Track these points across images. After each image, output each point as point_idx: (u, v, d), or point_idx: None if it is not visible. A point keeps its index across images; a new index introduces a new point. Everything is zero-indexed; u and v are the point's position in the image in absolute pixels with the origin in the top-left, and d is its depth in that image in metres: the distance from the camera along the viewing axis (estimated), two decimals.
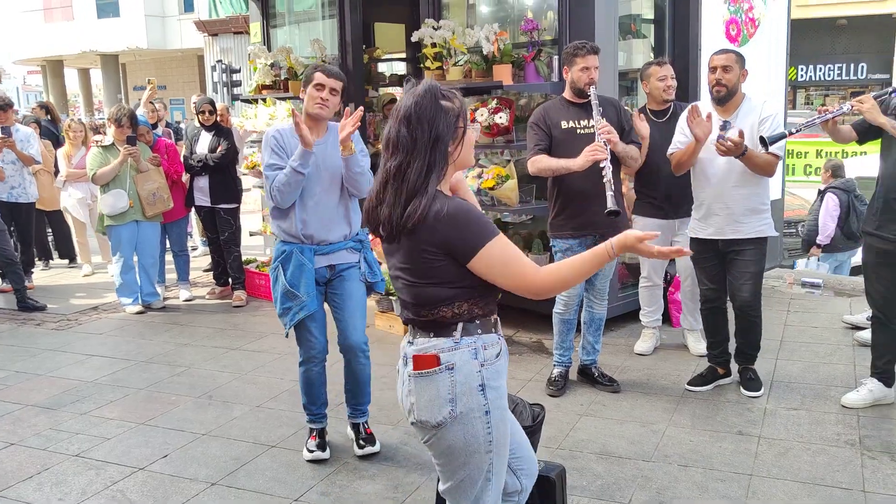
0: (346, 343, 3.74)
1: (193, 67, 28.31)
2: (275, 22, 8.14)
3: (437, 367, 2.15)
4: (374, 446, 3.83)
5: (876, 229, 4.03)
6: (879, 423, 3.97)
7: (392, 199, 2.10)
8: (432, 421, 2.16)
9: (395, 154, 2.12)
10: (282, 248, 3.67)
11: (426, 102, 2.11)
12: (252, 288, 7.03)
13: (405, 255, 2.15)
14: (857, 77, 24.03)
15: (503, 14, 6.59)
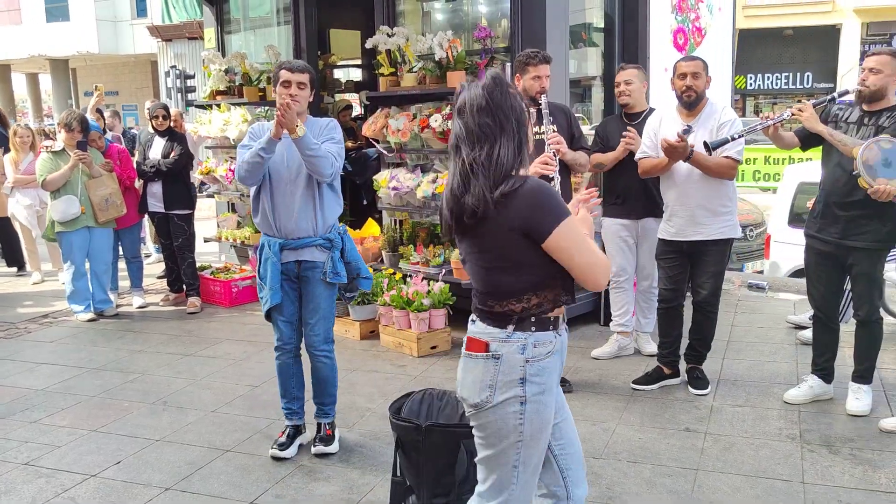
0: (305, 342, 3.88)
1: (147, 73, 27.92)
2: (229, 28, 8.13)
3: (484, 353, 2.26)
4: (328, 446, 3.87)
5: (817, 232, 4.18)
6: (819, 418, 4.12)
7: (482, 185, 2.16)
8: (471, 400, 2.30)
9: (479, 144, 2.19)
10: (261, 241, 3.86)
11: (501, 90, 2.21)
12: (207, 294, 6.99)
13: (487, 238, 2.22)
14: (804, 86, 24.69)
15: (457, 21, 6.67)
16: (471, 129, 2.19)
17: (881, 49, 4.05)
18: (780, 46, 25.20)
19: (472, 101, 2.20)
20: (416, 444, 2.99)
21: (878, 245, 4.00)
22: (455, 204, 2.22)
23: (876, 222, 3.95)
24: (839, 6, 23.33)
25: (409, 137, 5.66)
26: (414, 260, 5.82)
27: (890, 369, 4.74)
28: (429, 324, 5.36)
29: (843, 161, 3.97)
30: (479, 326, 2.30)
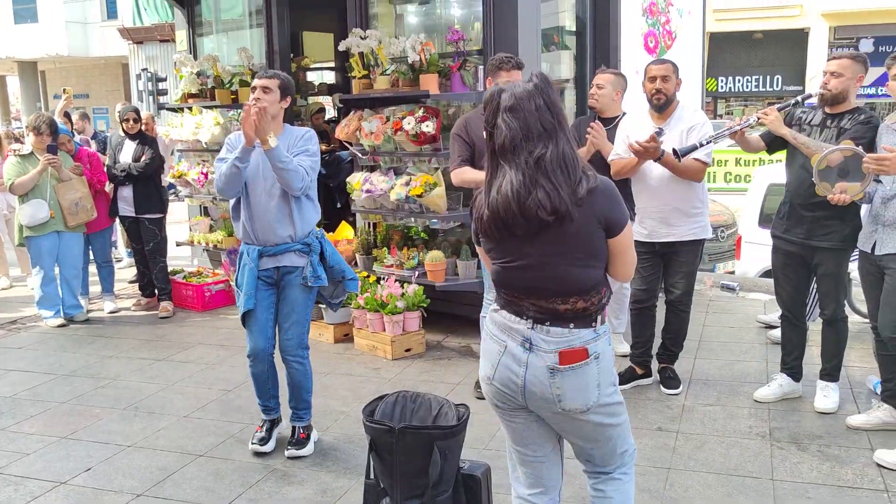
0: (280, 347, 3.90)
1: (118, 76, 27.62)
2: (201, 30, 8.07)
3: (587, 359, 2.29)
4: (300, 449, 3.88)
5: (783, 233, 4.25)
6: (788, 416, 4.18)
7: (556, 182, 2.18)
8: (582, 407, 2.31)
9: (543, 142, 2.20)
10: (241, 248, 3.91)
11: (552, 89, 2.27)
12: (179, 298, 6.93)
13: (571, 234, 2.23)
14: (773, 88, 25.03)
15: (430, 24, 6.69)
16: (533, 127, 2.21)
17: (842, 53, 4.12)
18: (750, 50, 25.52)
19: (529, 99, 2.22)
20: (389, 447, 2.99)
21: (842, 245, 4.07)
22: (520, 204, 2.19)
23: (839, 223, 4.02)
24: (807, 10, 23.69)
25: (383, 140, 5.66)
26: (388, 263, 5.81)
27: (856, 367, 4.81)
28: (403, 326, 5.36)
29: (806, 163, 4.03)
30: (561, 332, 2.28)
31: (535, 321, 2.30)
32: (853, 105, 4.05)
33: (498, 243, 2.32)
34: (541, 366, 2.28)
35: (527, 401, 2.34)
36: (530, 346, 2.30)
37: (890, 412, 3.93)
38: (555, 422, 2.38)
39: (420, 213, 5.63)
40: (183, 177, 7.23)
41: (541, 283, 2.29)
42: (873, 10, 22.73)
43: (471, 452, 3.56)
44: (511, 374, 2.33)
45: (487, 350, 2.42)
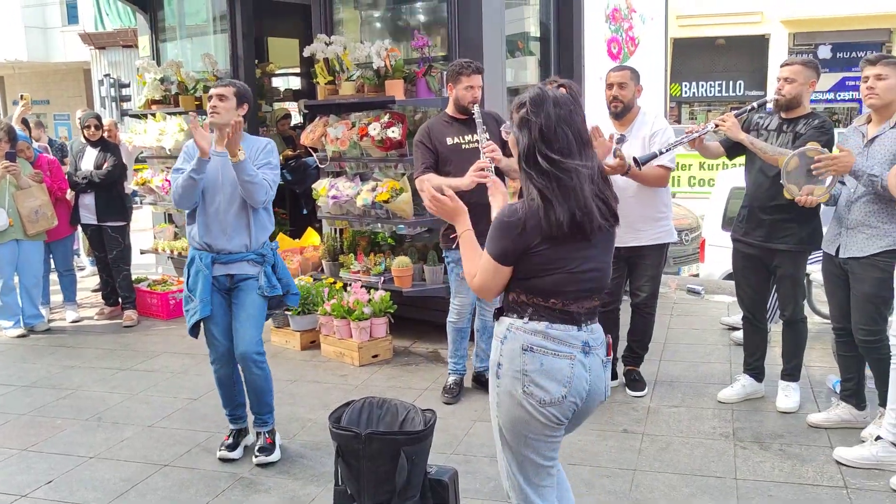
0: (237, 352, 3.85)
1: (79, 81, 27.23)
2: (164, 36, 8.00)
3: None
4: (269, 456, 3.86)
5: (743, 235, 4.32)
6: (751, 416, 4.25)
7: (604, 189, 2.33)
8: (609, 391, 2.49)
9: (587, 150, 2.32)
10: (191, 254, 3.86)
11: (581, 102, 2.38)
12: (143, 307, 6.84)
13: (611, 238, 2.42)
14: (736, 93, 25.41)
15: (396, 30, 6.69)
16: (582, 135, 2.30)
17: (794, 59, 4.22)
18: (713, 55, 25.89)
19: (570, 107, 2.29)
20: (356, 453, 2.99)
21: (800, 247, 4.15)
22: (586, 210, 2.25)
23: (797, 225, 4.10)
24: (767, 17, 24.13)
25: (349, 146, 5.65)
26: (354, 269, 5.80)
27: (816, 366, 4.90)
28: (370, 332, 5.35)
29: (765, 167, 4.11)
30: (598, 328, 2.43)
31: (584, 323, 2.38)
32: (808, 110, 4.15)
33: (563, 251, 2.29)
34: (598, 363, 2.39)
35: (586, 403, 2.38)
36: (588, 348, 2.36)
37: (849, 410, 4.02)
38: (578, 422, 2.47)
39: (387, 219, 5.63)
40: (147, 184, 7.15)
41: (599, 283, 2.40)
42: (831, 17, 23.21)
43: (438, 457, 3.57)
44: (582, 383, 2.34)
45: (555, 368, 2.30)
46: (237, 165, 3.63)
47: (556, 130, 2.25)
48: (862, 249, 3.67)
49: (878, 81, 3.60)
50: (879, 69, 3.60)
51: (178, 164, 3.79)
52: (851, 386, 4.00)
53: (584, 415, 2.46)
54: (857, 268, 3.72)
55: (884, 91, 3.59)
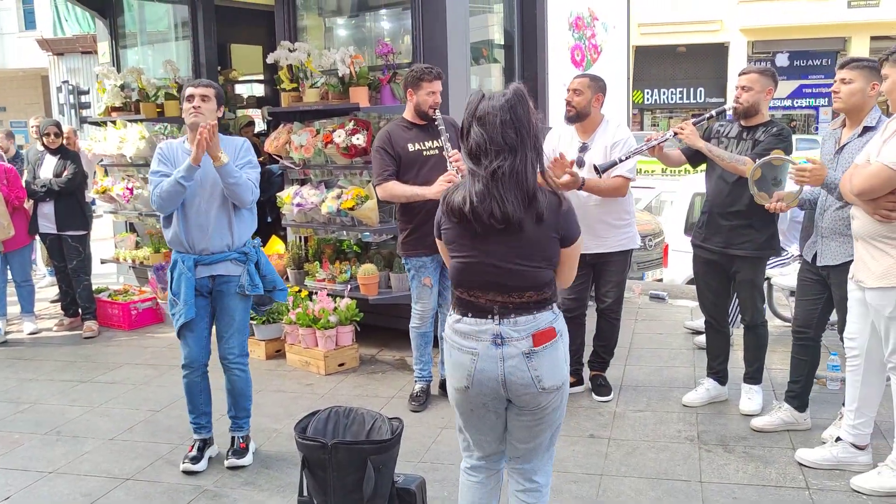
0: (220, 355, 3.87)
1: (37, 88, 26.74)
2: (125, 42, 7.88)
3: (556, 337, 2.47)
4: (241, 459, 3.87)
5: (703, 241, 4.38)
6: (715, 419, 4.30)
7: (509, 195, 2.33)
8: (558, 383, 2.48)
9: (501, 155, 2.34)
10: (174, 257, 3.83)
11: (524, 105, 2.38)
12: (104, 318, 6.72)
13: (526, 240, 2.39)
14: (697, 100, 25.85)
15: (360, 37, 6.68)
16: (495, 140, 2.34)
17: (751, 68, 4.29)
18: (674, 63, 26.29)
19: (496, 112, 2.34)
20: (322, 463, 2.96)
21: (759, 253, 4.21)
22: (473, 209, 2.35)
23: (755, 231, 4.16)
24: (727, 25, 24.55)
25: (313, 153, 5.61)
26: (320, 277, 5.76)
27: (778, 369, 4.98)
28: (336, 341, 5.31)
29: (724, 174, 4.18)
30: (527, 319, 2.43)
31: (501, 315, 2.43)
32: (767, 117, 4.22)
33: (463, 236, 2.44)
34: (516, 354, 2.42)
35: (509, 392, 2.46)
36: (502, 340, 2.42)
37: (790, 413, 4.08)
38: (523, 411, 2.50)
39: (352, 227, 5.61)
40: (107, 192, 7.04)
41: (499, 278, 2.42)
42: (788, 26, 23.71)
43: (405, 466, 3.55)
44: (489, 375, 2.44)
45: (457, 362, 2.50)
46: (221, 169, 3.60)
47: (469, 131, 2.38)
48: (835, 258, 3.72)
49: (843, 85, 3.60)
50: (846, 73, 3.60)
51: (156, 167, 3.72)
52: (797, 388, 4.06)
53: (517, 403, 2.49)
54: (833, 275, 3.76)
55: (846, 95, 3.59)
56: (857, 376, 3.56)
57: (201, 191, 3.70)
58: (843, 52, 25.13)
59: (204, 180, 3.69)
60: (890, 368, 3.38)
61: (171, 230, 3.77)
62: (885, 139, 3.23)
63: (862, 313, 3.46)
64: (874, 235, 3.27)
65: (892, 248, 3.23)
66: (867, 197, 3.22)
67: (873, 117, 3.59)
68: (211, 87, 3.76)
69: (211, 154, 3.57)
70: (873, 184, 3.17)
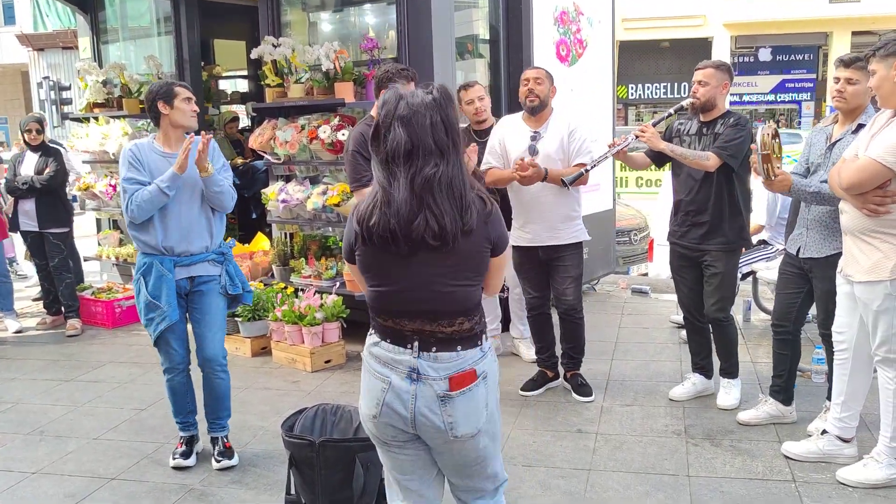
0: (203, 356, 3.82)
1: (17, 84, 26.47)
2: (106, 37, 7.80)
3: (476, 381, 2.19)
4: (231, 460, 3.83)
5: (678, 238, 4.42)
6: (702, 413, 4.31)
7: (446, 206, 2.07)
8: (473, 431, 2.20)
9: (431, 160, 2.07)
10: (143, 261, 3.71)
11: (452, 106, 2.15)
12: (88, 315, 6.65)
13: (458, 255, 2.12)
14: (681, 95, 25.88)
15: (345, 32, 6.64)
16: (426, 144, 2.07)
17: (706, 63, 4.29)
18: (658, 58, 26.37)
19: (425, 113, 2.08)
20: (309, 461, 2.95)
21: (729, 246, 4.24)
22: (405, 225, 2.07)
23: (726, 225, 4.20)
24: (710, 20, 24.64)
25: (298, 149, 5.58)
26: (305, 273, 5.73)
27: (764, 363, 5.00)
28: (322, 338, 5.29)
29: (692, 171, 4.22)
30: (449, 356, 2.16)
31: (421, 348, 2.16)
32: (724, 110, 4.25)
33: (380, 260, 2.16)
34: (430, 395, 2.15)
35: (419, 432, 2.20)
36: (417, 375, 2.15)
37: (776, 406, 4.10)
38: (443, 451, 2.25)
39: (337, 223, 5.58)
40: (90, 189, 6.97)
41: (425, 305, 2.15)
42: (771, 20, 23.83)
43: None
44: (399, 409, 2.17)
45: (368, 387, 2.23)
46: (208, 180, 3.63)
47: (390, 132, 2.09)
48: (819, 250, 3.73)
49: (849, 85, 3.57)
50: (851, 73, 3.56)
51: (127, 174, 3.61)
52: (781, 382, 4.08)
53: (429, 443, 2.24)
54: (816, 268, 3.77)
55: (851, 96, 3.58)
56: (844, 370, 3.58)
57: (181, 195, 3.66)
58: (825, 46, 25.30)
59: (183, 185, 3.65)
60: (877, 362, 3.40)
61: (148, 234, 3.66)
62: (874, 134, 3.24)
63: (850, 307, 3.48)
64: (863, 230, 3.29)
65: (880, 242, 3.25)
66: (856, 191, 3.23)
67: (868, 114, 3.58)
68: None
69: (200, 166, 3.58)
70: (861, 178, 3.18)
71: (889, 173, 3.13)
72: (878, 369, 3.45)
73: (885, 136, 3.16)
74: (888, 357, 3.33)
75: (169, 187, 3.55)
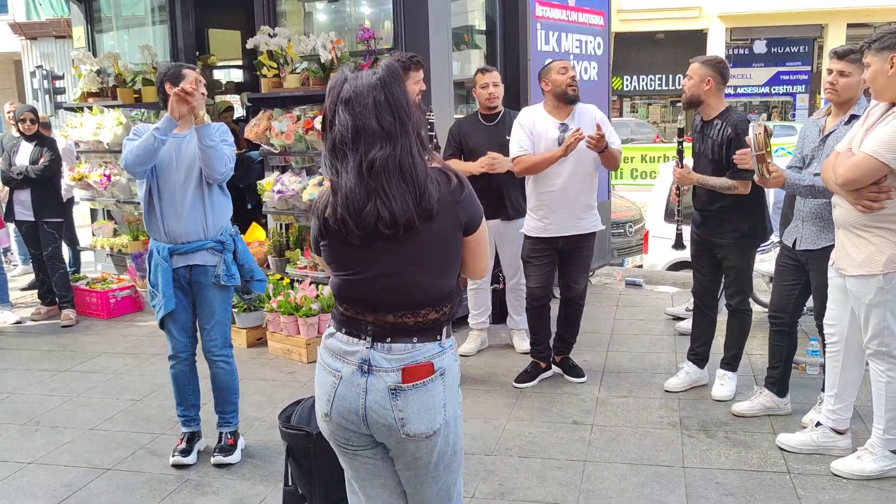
0: (203, 348, 3.81)
1: (10, 73, 26.29)
2: (100, 26, 7.76)
3: (432, 375, 2.04)
4: (228, 456, 3.78)
5: (697, 227, 4.44)
6: (697, 405, 4.33)
7: (395, 191, 1.93)
8: (428, 431, 2.05)
9: (377, 143, 1.93)
10: (150, 246, 3.76)
11: (401, 80, 2.02)
12: (81, 306, 6.63)
13: (424, 242, 1.99)
14: (676, 87, 25.88)
15: (340, 22, 6.62)
16: (368, 125, 1.93)
17: (696, 58, 4.32)
18: (653, 50, 26.35)
19: (368, 94, 1.95)
20: (306, 452, 2.94)
21: (743, 241, 4.25)
22: (355, 213, 1.95)
23: (738, 220, 4.21)
24: (705, 12, 24.61)
25: (294, 140, 5.57)
26: (301, 264, 5.73)
27: (758, 355, 5.02)
28: (318, 328, 5.29)
29: (703, 168, 4.24)
30: (403, 348, 2.03)
31: (375, 338, 2.03)
32: (720, 108, 4.22)
33: (341, 252, 2.05)
34: (381, 388, 2.01)
35: (372, 431, 2.06)
36: (369, 367, 2.02)
37: (771, 398, 4.12)
38: (399, 453, 2.11)
39: None
40: (84, 179, 6.94)
41: (391, 296, 2.03)
42: (766, 12, 23.82)
43: None
44: (349, 405, 2.04)
45: (321, 383, 2.11)
46: (201, 129, 3.51)
47: (334, 117, 1.97)
48: (815, 242, 3.75)
49: (841, 77, 3.59)
50: (844, 65, 3.58)
51: (129, 137, 3.62)
52: (776, 374, 4.10)
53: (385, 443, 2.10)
54: (812, 260, 3.79)
55: (843, 89, 3.59)
56: (836, 362, 3.59)
57: (176, 174, 3.63)
58: (820, 38, 25.30)
59: (179, 163, 3.63)
60: (869, 354, 3.42)
61: (149, 217, 3.70)
62: (868, 127, 3.25)
63: (842, 300, 3.49)
64: (855, 224, 3.30)
65: (873, 236, 3.26)
66: (851, 187, 3.23)
67: (861, 106, 3.60)
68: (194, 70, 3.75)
69: (193, 112, 3.49)
70: (857, 174, 3.18)
71: (885, 168, 3.13)
72: (870, 362, 3.46)
73: (881, 131, 3.16)
74: (880, 350, 3.35)
75: (160, 130, 3.45)
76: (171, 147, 3.61)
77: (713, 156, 4.17)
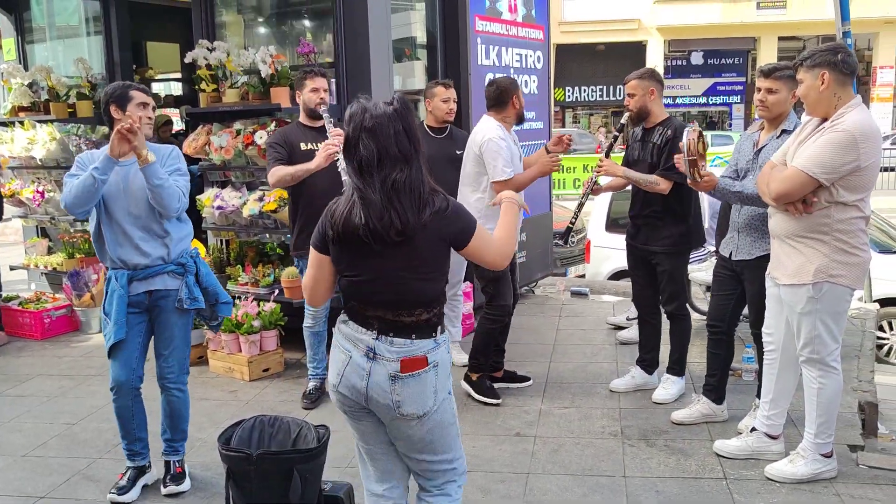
0: (158, 374, 3.67)
1: None
2: (32, 37, 7.57)
3: (426, 367, 2.44)
4: (181, 485, 3.66)
5: (630, 238, 4.60)
6: (637, 413, 4.40)
7: (407, 205, 2.33)
8: (419, 412, 2.44)
9: (399, 166, 2.33)
10: (109, 274, 3.62)
11: (412, 111, 2.42)
12: (13, 327, 6.42)
13: (416, 251, 2.38)
14: (616, 98, 26.41)
15: (280, 36, 6.57)
16: (391, 152, 2.33)
17: (631, 74, 4.48)
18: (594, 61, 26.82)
19: (388, 123, 2.33)
20: (247, 475, 2.91)
21: (675, 247, 4.41)
22: (377, 221, 2.32)
23: (670, 227, 4.39)
24: (644, 25, 25.18)
25: (234, 155, 5.50)
26: (243, 281, 5.65)
27: (696, 363, 5.11)
28: (260, 346, 5.22)
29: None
30: (403, 342, 2.42)
31: (380, 332, 2.44)
32: (662, 117, 4.43)
33: (351, 256, 2.44)
34: (383, 374, 2.42)
35: (371, 407, 2.47)
36: (374, 355, 2.43)
37: (708, 405, 4.22)
38: (392, 428, 2.51)
39: (275, 229, 5.52)
40: (15, 195, 6.74)
41: (389, 296, 2.43)
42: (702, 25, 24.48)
43: (333, 472, 3.52)
44: (355, 382, 2.45)
45: (335, 359, 2.52)
46: (147, 169, 3.34)
47: (357, 143, 2.34)
48: (750, 252, 3.86)
49: (769, 95, 3.73)
50: (771, 83, 3.71)
51: (72, 172, 3.45)
52: (714, 382, 4.20)
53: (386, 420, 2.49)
54: (747, 270, 3.89)
55: (773, 105, 3.74)
56: (773, 369, 3.70)
57: (131, 201, 3.47)
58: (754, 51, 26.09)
59: (126, 189, 3.47)
60: (802, 361, 3.52)
61: (103, 245, 3.53)
62: (800, 141, 3.36)
63: (778, 309, 3.60)
64: (789, 234, 3.40)
65: (804, 246, 3.36)
66: (784, 201, 3.34)
67: (791, 121, 3.77)
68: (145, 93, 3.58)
69: (137, 152, 3.31)
70: (788, 187, 3.29)
71: (814, 183, 3.24)
72: (802, 368, 3.57)
73: (811, 148, 3.27)
74: (812, 357, 3.45)
75: (99, 170, 3.28)
76: (117, 176, 3.44)
77: (652, 159, 4.33)
